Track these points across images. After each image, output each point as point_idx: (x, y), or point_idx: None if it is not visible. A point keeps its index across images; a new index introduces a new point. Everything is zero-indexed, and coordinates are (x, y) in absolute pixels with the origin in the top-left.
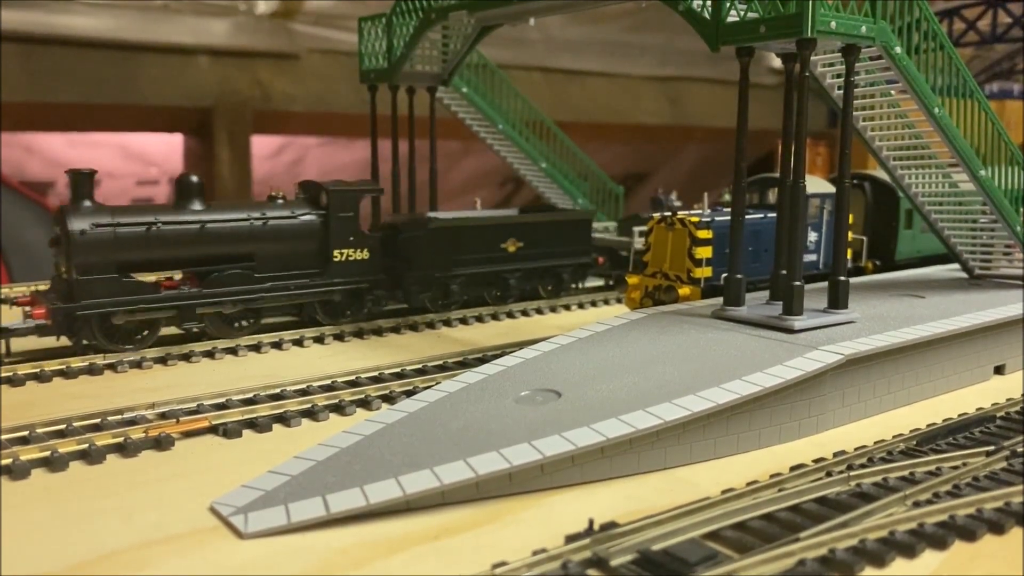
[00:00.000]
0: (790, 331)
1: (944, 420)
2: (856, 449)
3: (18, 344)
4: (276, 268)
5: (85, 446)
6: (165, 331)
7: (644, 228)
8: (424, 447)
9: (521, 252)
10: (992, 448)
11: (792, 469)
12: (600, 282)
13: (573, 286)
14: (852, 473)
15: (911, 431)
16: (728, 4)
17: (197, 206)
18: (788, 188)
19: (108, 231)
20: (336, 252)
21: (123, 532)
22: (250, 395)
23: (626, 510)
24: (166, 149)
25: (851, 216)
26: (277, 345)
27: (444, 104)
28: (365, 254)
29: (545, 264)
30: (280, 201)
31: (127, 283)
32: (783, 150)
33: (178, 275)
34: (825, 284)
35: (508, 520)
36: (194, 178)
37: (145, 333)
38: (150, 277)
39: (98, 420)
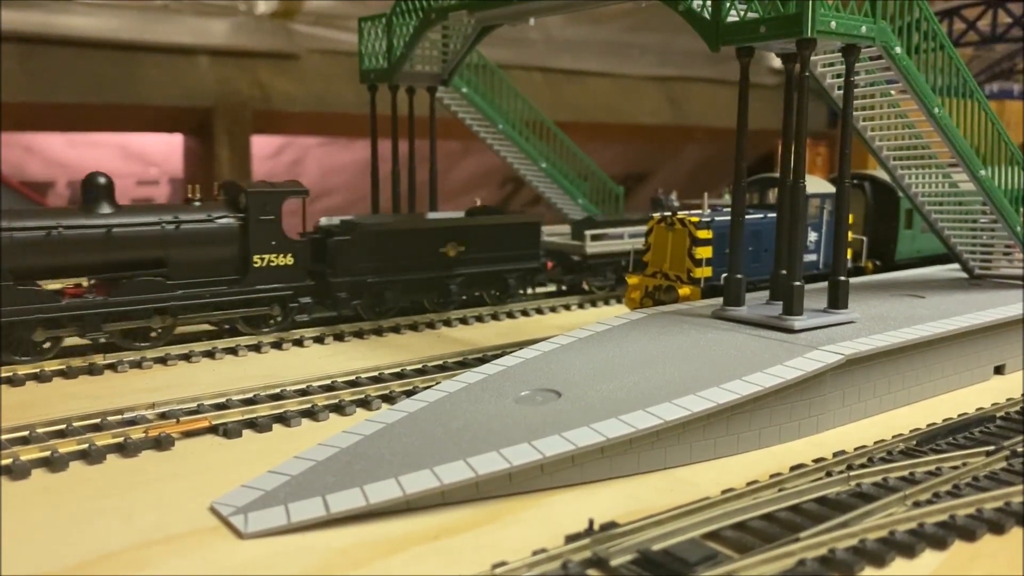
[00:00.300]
0: (790, 331)
1: (944, 420)
2: (856, 449)
3: None
4: (191, 275)
5: (85, 446)
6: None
7: (596, 232)
8: (424, 447)
9: (463, 257)
10: (992, 448)
11: (792, 469)
12: (552, 288)
13: (521, 292)
14: (852, 473)
15: (911, 431)
16: (728, 4)
17: (105, 209)
18: (788, 188)
19: (4, 236)
20: (256, 258)
21: (123, 532)
22: (250, 395)
23: (626, 510)
24: (166, 149)
25: (851, 216)
26: (277, 345)
27: (444, 104)
28: (289, 260)
29: (489, 269)
30: (197, 203)
31: (24, 291)
32: (783, 150)
33: (88, 282)
34: (825, 284)
35: (508, 520)
36: (102, 179)
37: (47, 344)
38: (56, 284)
39: (98, 420)
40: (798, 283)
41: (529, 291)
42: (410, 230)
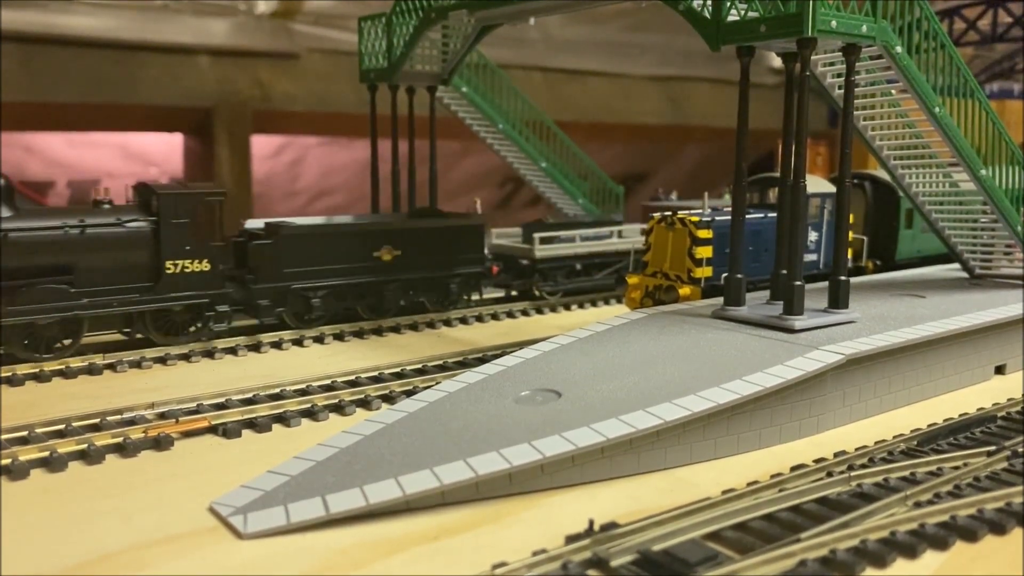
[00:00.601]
0: (791, 331)
1: (945, 420)
2: (857, 449)
3: None
4: (98, 282)
5: (84, 446)
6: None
7: (546, 235)
8: (424, 447)
9: (399, 261)
10: (993, 448)
11: (793, 469)
12: (500, 293)
13: (465, 298)
14: (853, 473)
15: (912, 431)
16: (728, 4)
17: (4, 212)
18: (788, 188)
19: None
20: (169, 263)
21: (122, 532)
22: (250, 395)
23: (626, 510)
24: (166, 149)
25: (851, 216)
26: (277, 345)
27: (444, 104)
28: (205, 265)
29: (428, 275)
30: (107, 206)
31: None
32: (783, 150)
33: None
34: (825, 284)
35: (508, 520)
36: (0, 180)
37: None
38: None
39: (97, 420)
40: (798, 283)
41: (475, 297)
42: (339, 233)
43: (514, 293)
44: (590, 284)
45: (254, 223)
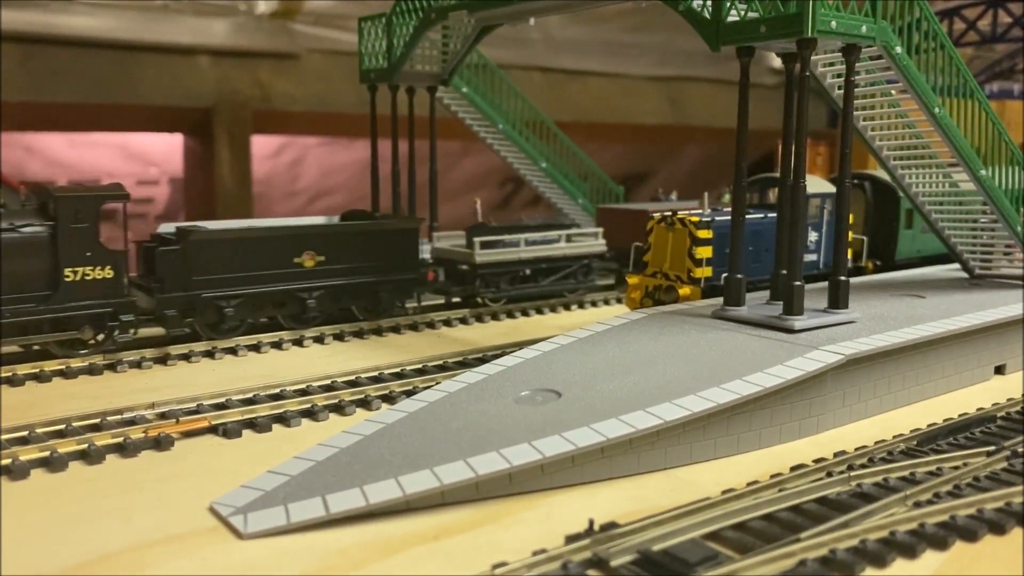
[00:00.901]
0: (790, 331)
1: (945, 420)
2: (857, 449)
3: None
4: None
5: (85, 446)
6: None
7: (488, 239)
8: (424, 447)
9: (322, 268)
10: (993, 448)
11: (793, 469)
12: (439, 300)
13: (399, 306)
14: (853, 473)
15: (912, 431)
16: (728, 4)
17: None
18: (788, 188)
19: None
20: (68, 271)
21: (123, 532)
22: (250, 395)
23: (626, 510)
24: (166, 149)
25: (851, 216)
26: (277, 345)
27: (444, 104)
28: (108, 272)
29: (355, 281)
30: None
31: None
32: (783, 150)
33: None
34: (825, 284)
35: (508, 520)
36: None
37: None
38: None
39: (98, 420)
40: (798, 283)
41: (411, 305)
42: (254, 238)
43: (455, 301)
44: (536, 291)
45: (167, 227)
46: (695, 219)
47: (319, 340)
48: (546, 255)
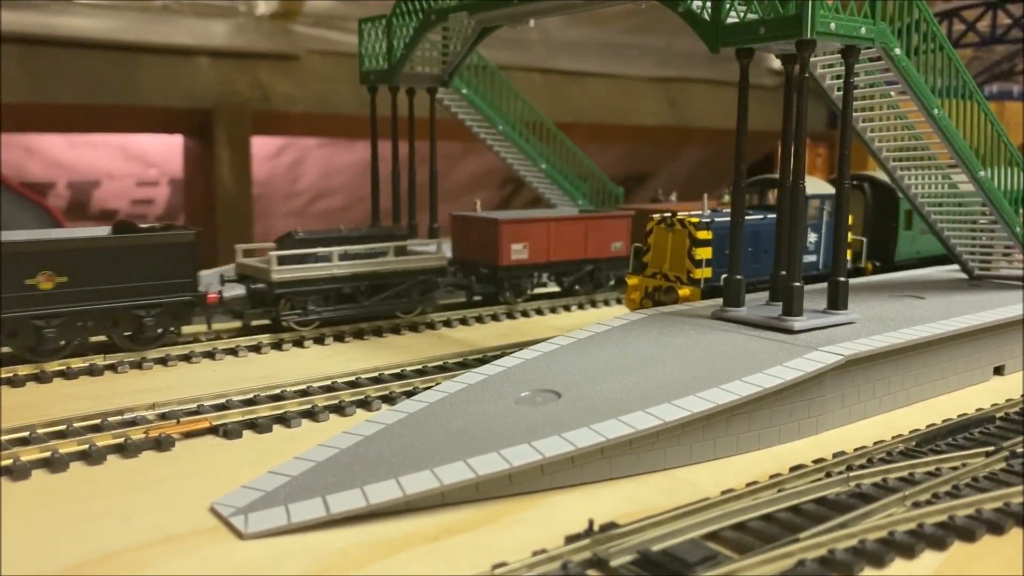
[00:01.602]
0: (790, 332)
1: (944, 421)
2: (856, 450)
3: None
4: None
5: (85, 447)
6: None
7: (286, 253)
8: (424, 448)
9: (64, 290)
10: (992, 449)
11: (792, 470)
12: (235, 324)
13: (172, 331)
14: (852, 474)
15: (911, 432)
16: (728, 5)
17: None
18: (788, 189)
19: None
20: None
21: (123, 532)
22: (250, 396)
23: (626, 511)
24: (166, 150)
25: (851, 217)
26: (277, 346)
27: (444, 105)
28: None
29: (108, 305)
30: None
31: None
32: (783, 151)
33: None
34: (825, 285)
35: (508, 520)
36: None
37: None
38: None
39: (98, 421)
40: (798, 284)
41: (186, 329)
42: None
43: (250, 324)
44: (358, 312)
45: None
46: (695, 220)
47: (319, 341)
48: (368, 271)
